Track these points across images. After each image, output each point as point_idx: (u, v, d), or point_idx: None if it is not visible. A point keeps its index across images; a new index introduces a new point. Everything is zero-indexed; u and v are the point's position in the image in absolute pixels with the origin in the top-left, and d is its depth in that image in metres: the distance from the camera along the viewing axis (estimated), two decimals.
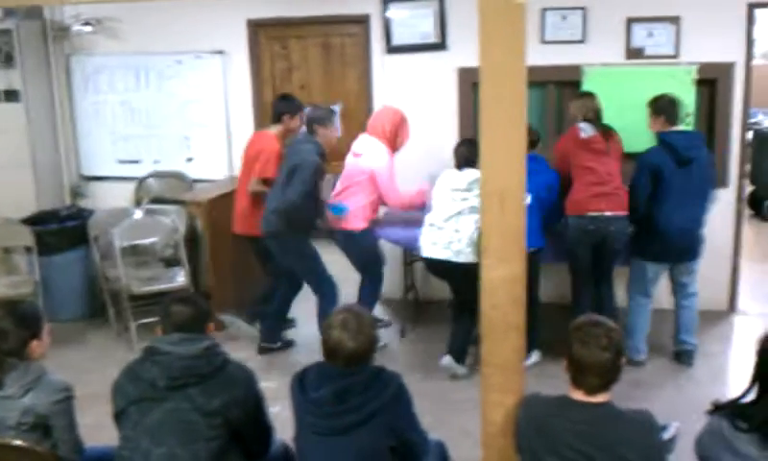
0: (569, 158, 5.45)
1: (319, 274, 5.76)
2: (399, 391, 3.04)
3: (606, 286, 5.63)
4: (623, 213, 5.32)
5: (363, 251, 5.87)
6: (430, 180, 5.67)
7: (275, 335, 6.03)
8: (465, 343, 5.44)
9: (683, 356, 5.58)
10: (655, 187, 5.29)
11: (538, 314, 5.49)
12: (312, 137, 5.62)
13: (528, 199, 5.29)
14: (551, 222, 5.47)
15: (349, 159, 5.87)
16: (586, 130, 5.42)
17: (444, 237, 5.26)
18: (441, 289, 6.65)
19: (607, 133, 5.48)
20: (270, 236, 5.64)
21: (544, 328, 5.50)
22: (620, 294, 6.15)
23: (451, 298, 5.71)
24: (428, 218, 5.47)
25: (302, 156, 5.52)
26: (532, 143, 5.41)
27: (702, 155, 5.36)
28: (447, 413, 4.97)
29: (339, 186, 5.89)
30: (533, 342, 5.51)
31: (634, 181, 5.36)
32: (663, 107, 5.40)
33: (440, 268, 5.40)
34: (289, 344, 6.10)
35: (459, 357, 5.46)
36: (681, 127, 5.45)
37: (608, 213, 5.29)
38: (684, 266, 5.48)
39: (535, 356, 5.54)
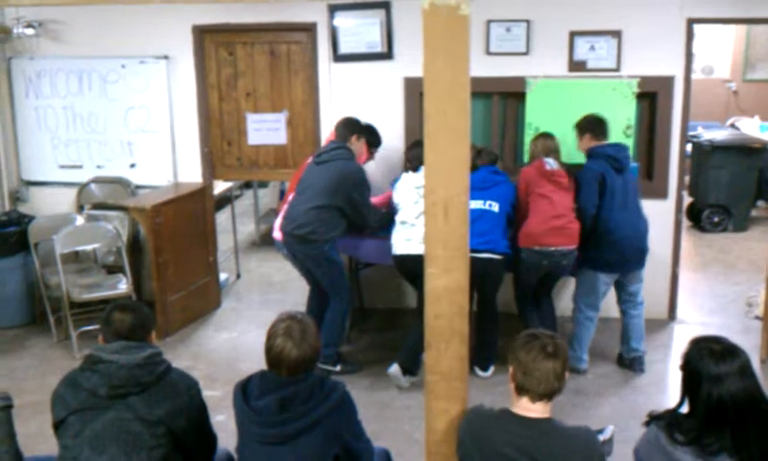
0: (531, 187, 5.51)
1: (345, 279, 5.77)
2: (343, 399, 3.04)
3: (547, 301, 5.76)
4: (574, 246, 5.42)
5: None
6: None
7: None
8: (416, 354, 5.37)
9: (635, 363, 5.68)
10: (600, 197, 5.41)
11: (499, 326, 5.57)
12: (344, 145, 5.63)
13: (497, 207, 5.39)
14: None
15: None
16: (551, 163, 5.53)
17: (418, 234, 5.27)
18: (386, 297, 6.69)
19: (568, 170, 5.61)
20: (299, 241, 5.54)
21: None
22: (562, 304, 6.25)
23: (416, 305, 5.70)
24: (399, 217, 5.56)
25: (348, 168, 5.54)
26: (493, 160, 5.73)
27: (630, 165, 5.61)
28: (393, 421, 4.99)
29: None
30: (492, 355, 5.56)
31: (582, 193, 5.46)
32: (587, 125, 5.62)
33: (413, 265, 5.34)
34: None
35: (407, 368, 5.45)
36: (609, 140, 5.64)
37: (562, 248, 5.38)
38: (633, 275, 5.61)
39: (492, 369, 5.59)
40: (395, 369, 5.46)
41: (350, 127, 5.72)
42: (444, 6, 2.68)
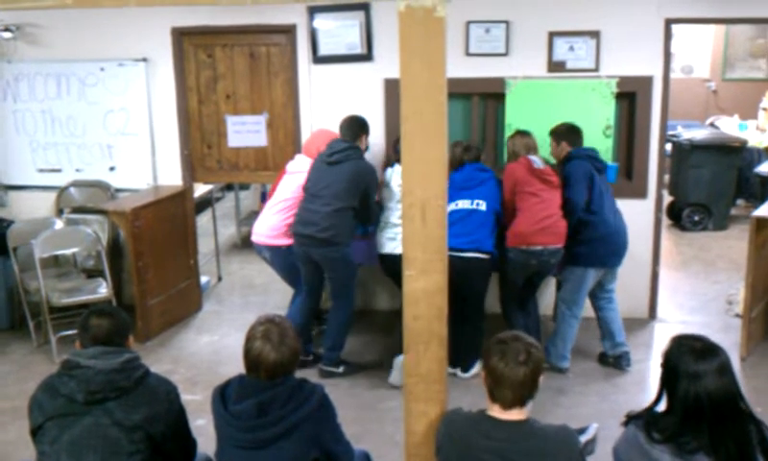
0: (519, 185, 5.49)
1: (354, 281, 5.71)
2: (322, 402, 3.03)
3: (532, 302, 5.77)
4: (561, 245, 5.43)
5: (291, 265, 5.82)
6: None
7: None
8: None
9: (622, 359, 5.69)
10: (589, 195, 5.46)
11: (483, 326, 5.53)
12: (355, 144, 5.59)
13: (484, 206, 5.38)
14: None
15: (286, 178, 5.88)
16: (537, 162, 5.53)
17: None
18: (373, 299, 6.69)
19: (553, 168, 5.63)
20: (320, 244, 5.45)
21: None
22: (543, 303, 6.26)
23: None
24: (383, 217, 5.57)
25: (364, 167, 5.54)
26: (478, 157, 5.74)
27: (604, 166, 5.69)
28: (375, 423, 4.98)
29: (274, 200, 5.84)
30: (475, 357, 5.53)
31: (573, 189, 5.47)
32: (565, 133, 5.67)
33: (400, 265, 5.30)
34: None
35: None
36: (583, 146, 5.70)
37: (550, 247, 5.38)
38: (614, 271, 5.65)
39: (476, 367, 5.55)
40: (401, 361, 5.33)
41: (360, 126, 5.67)
42: (419, 8, 2.68)
